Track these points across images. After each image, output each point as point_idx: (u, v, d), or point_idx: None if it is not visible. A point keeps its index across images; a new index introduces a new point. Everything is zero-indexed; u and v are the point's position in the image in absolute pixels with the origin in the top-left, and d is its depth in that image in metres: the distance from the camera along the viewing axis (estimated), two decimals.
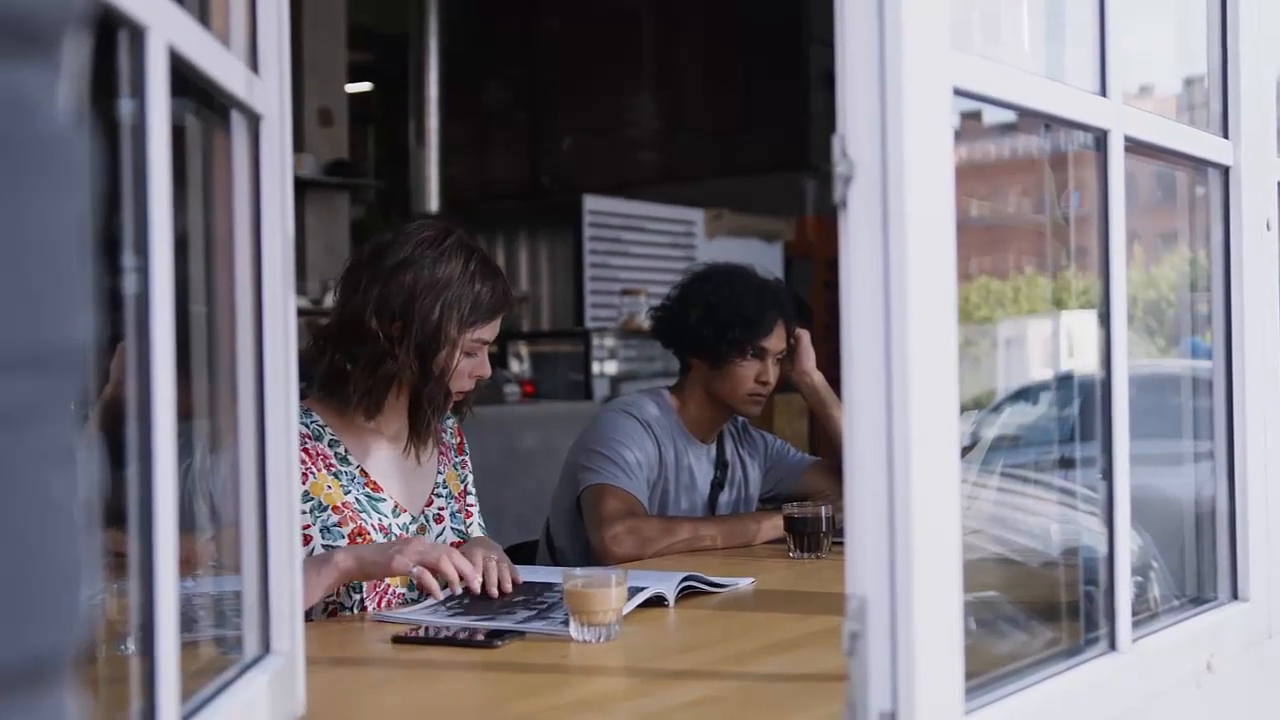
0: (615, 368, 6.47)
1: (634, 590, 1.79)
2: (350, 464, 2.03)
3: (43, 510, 0.49)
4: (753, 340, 2.60)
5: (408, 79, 7.65)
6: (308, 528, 1.94)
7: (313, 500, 1.96)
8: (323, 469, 1.99)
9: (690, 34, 8.84)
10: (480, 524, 2.21)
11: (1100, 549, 1.35)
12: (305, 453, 1.96)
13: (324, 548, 1.94)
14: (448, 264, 2.00)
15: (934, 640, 1.00)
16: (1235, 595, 1.60)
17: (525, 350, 6.63)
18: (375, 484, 2.04)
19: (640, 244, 7.24)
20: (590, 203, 7.11)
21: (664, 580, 1.91)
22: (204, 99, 1.06)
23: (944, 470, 1.03)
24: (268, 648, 1.16)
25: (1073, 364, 1.71)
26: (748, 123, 8.43)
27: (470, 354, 2.04)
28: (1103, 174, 1.32)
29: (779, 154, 8.15)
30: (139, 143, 0.84)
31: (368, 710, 1.42)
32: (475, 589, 1.81)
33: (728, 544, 2.47)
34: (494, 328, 2.06)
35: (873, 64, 0.99)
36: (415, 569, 1.78)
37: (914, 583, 0.98)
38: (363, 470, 2.04)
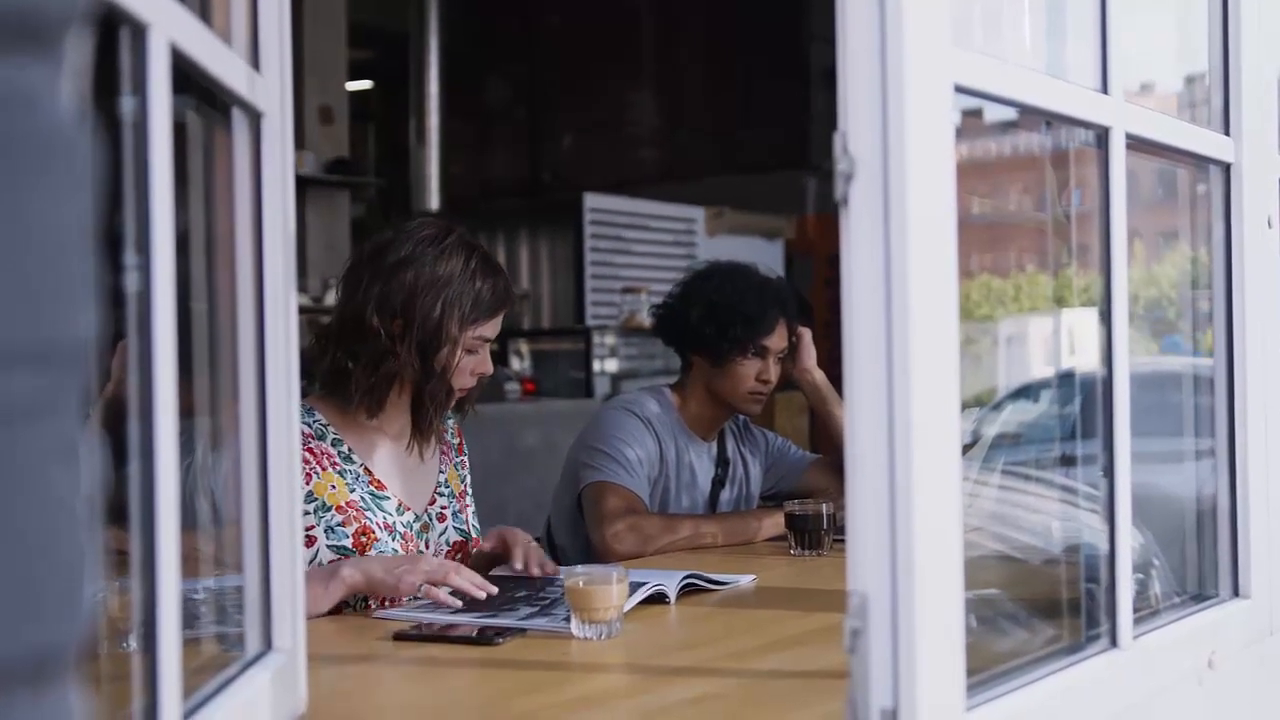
0: (616, 365, 6.47)
1: (635, 587, 1.79)
2: (354, 462, 2.03)
3: (46, 506, 0.49)
4: (754, 339, 2.60)
5: (408, 77, 7.65)
6: (312, 529, 1.94)
7: (316, 500, 1.95)
8: (327, 468, 1.99)
9: (691, 32, 8.84)
10: (475, 525, 2.21)
11: (1101, 546, 1.35)
12: (309, 452, 1.96)
13: (329, 548, 1.95)
14: (448, 261, 2.00)
15: (935, 637, 1.00)
16: (1236, 592, 1.60)
17: (526, 348, 6.64)
18: (379, 482, 2.04)
19: (641, 242, 7.24)
20: (591, 200, 7.11)
21: (665, 578, 1.91)
22: (205, 96, 1.06)
23: (945, 467, 1.03)
24: (269, 645, 1.16)
25: (1074, 362, 1.71)
26: (748, 120, 8.43)
27: (472, 351, 2.04)
28: (1104, 171, 1.32)
29: (780, 152, 8.15)
30: (140, 140, 0.84)
31: (369, 707, 1.42)
32: (481, 597, 1.81)
33: (729, 541, 2.47)
34: (495, 325, 2.06)
35: (874, 61, 0.99)
36: (423, 587, 1.79)
37: (915, 579, 0.98)
38: (366, 468, 2.03)
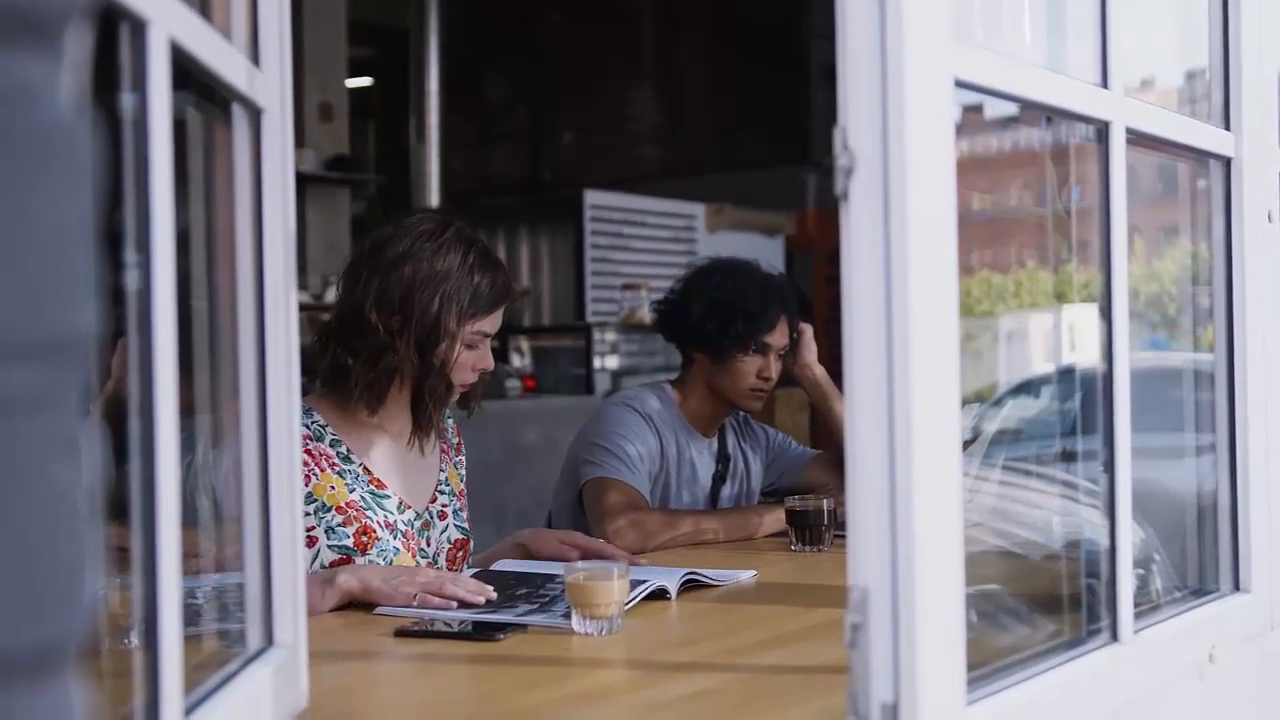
0: (616, 362, 6.47)
1: (635, 583, 1.79)
2: (353, 462, 2.02)
3: (46, 500, 0.49)
4: (755, 335, 2.60)
5: (408, 74, 7.65)
6: (312, 529, 1.94)
7: (316, 501, 1.95)
8: (325, 469, 1.98)
9: (691, 28, 8.83)
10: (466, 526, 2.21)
11: (1102, 541, 1.35)
12: (307, 454, 1.95)
13: (330, 548, 1.95)
14: (446, 256, 1.99)
15: (935, 632, 1.00)
16: (1237, 587, 1.60)
17: (526, 345, 6.64)
18: (379, 481, 2.04)
19: (641, 239, 7.24)
20: (591, 197, 7.11)
21: (666, 575, 1.91)
22: (205, 92, 1.06)
23: (945, 462, 1.03)
24: (271, 640, 1.16)
25: (1074, 358, 1.71)
26: (748, 117, 8.43)
27: (471, 346, 2.03)
28: (1104, 166, 1.32)
29: (780, 148, 8.15)
30: (140, 136, 0.84)
31: (370, 703, 1.42)
32: (480, 602, 1.80)
33: (729, 537, 2.47)
34: (495, 320, 2.05)
35: (874, 56, 0.99)
36: (419, 597, 1.79)
37: (915, 574, 0.98)
38: (365, 468, 2.03)
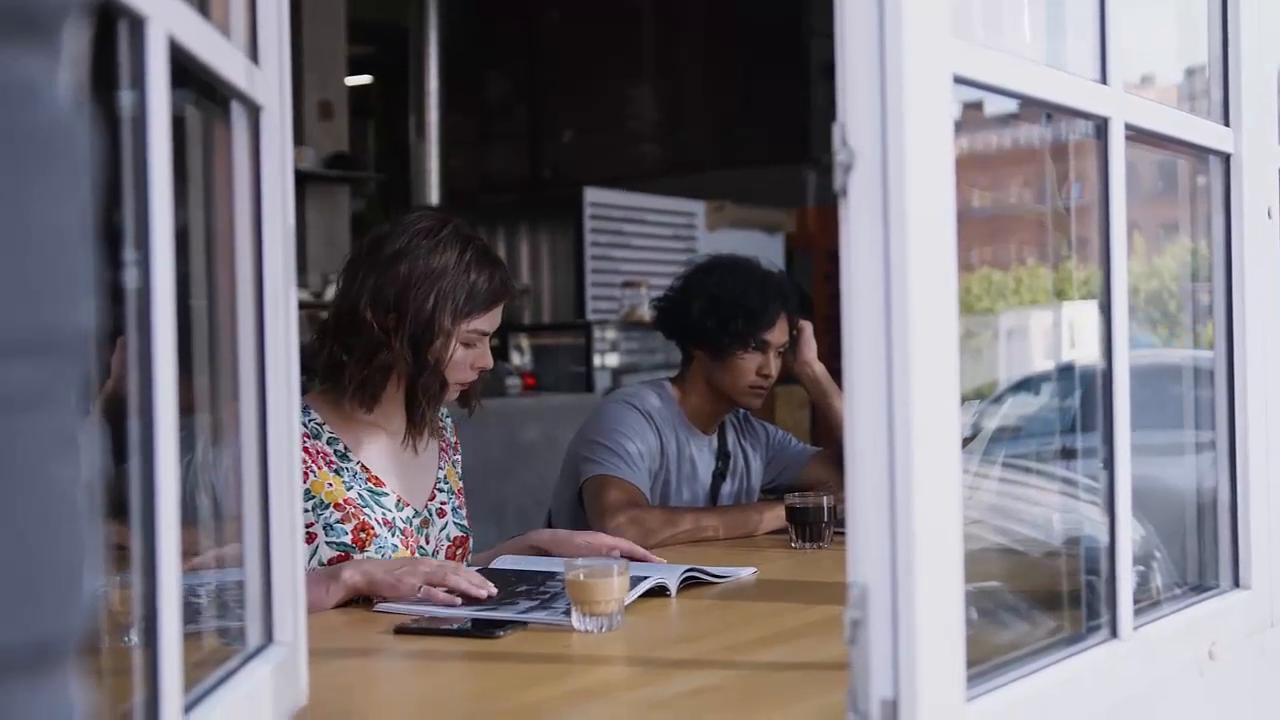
0: (616, 360, 6.47)
1: (635, 580, 1.80)
2: (350, 460, 2.02)
3: (45, 497, 0.49)
4: (755, 333, 2.60)
5: (408, 72, 7.64)
6: (311, 526, 1.94)
7: (314, 499, 1.95)
8: (323, 466, 1.98)
9: (691, 27, 8.83)
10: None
11: (1102, 538, 1.35)
12: (305, 451, 1.96)
13: (328, 545, 1.95)
14: (443, 254, 1.99)
15: (935, 628, 1.00)
16: (1237, 583, 1.60)
17: (526, 343, 6.63)
18: (376, 478, 2.04)
19: (641, 236, 7.24)
20: (591, 195, 7.11)
21: (666, 571, 1.91)
22: (204, 90, 1.06)
23: (945, 458, 1.03)
24: (270, 638, 1.16)
25: (1074, 355, 1.71)
26: (748, 115, 8.43)
27: (469, 345, 2.02)
28: (1103, 162, 1.32)
29: (779, 146, 8.14)
30: (139, 134, 0.84)
31: (370, 700, 1.42)
32: (481, 596, 1.79)
33: (729, 534, 2.47)
34: (493, 318, 2.05)
35: (873, 52, 0.99)
36: (423, 589, 1.79)
37: (915, 571, 0.98)
38: (363, 465, 2.03)
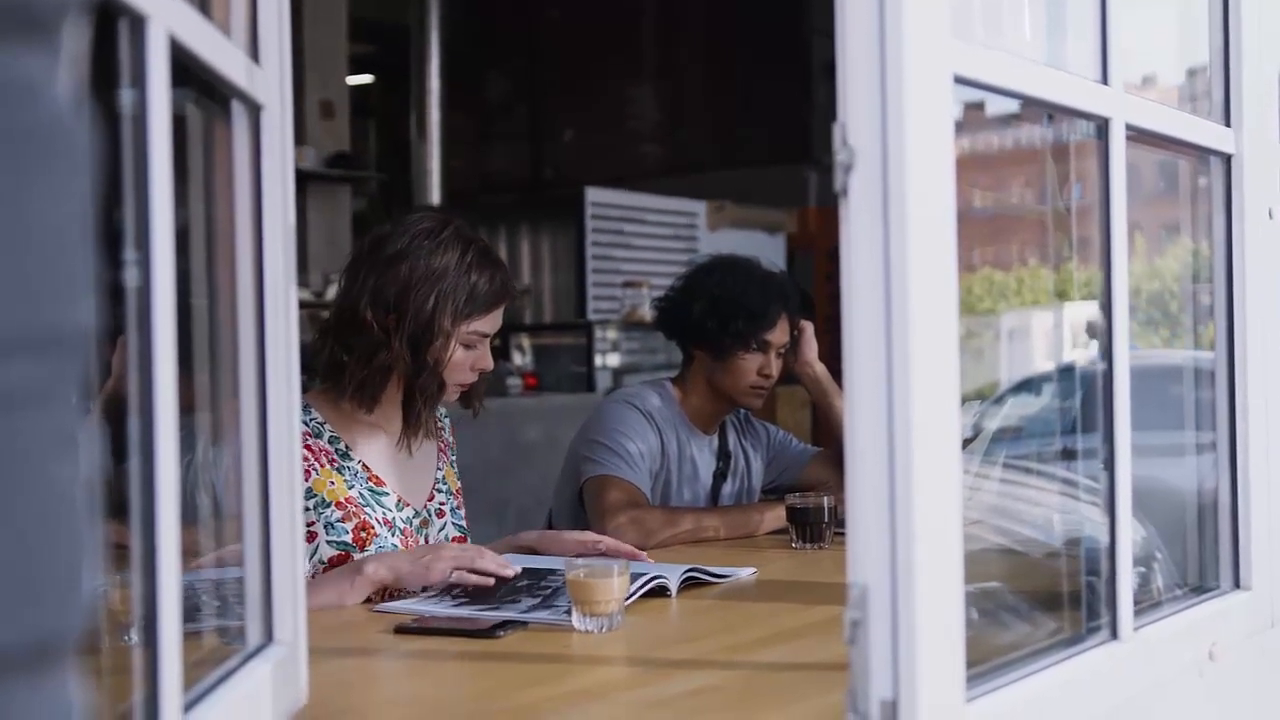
0: (617, 360, 6.47)
1: (635, 580, 1.79)
2: (352, 459, 2.03)
3: (44, 495, 0.49)
4: (756, 333, 2.60)
5: (409, 72, 7.65)
6: (312, 524, 1.94)
7: (316, 497, 1.96)
8: (325, 464, 1.99)
9: (691, 26, 8.83)
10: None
11: (1102, 539, 1.35)
12: (307, 449, 1.96)
13: (329, 544, 1.95)
14: (444, 255, 1.99)
15: (935, 628, 1.00)
16: (1237, 584, 1.60)
17: (527, 343, 6.64)
18: (377, 478, 2.04)
19: (642, 236, 7.24)
20: (592, 195, 7.11)
21: (666, 571, 1.91)
22: (204, 89, 1.06)
23: (945, 459, 1.03)
24: (270, 637, 1.16)
25: (1075, 355, 1.71)
26: (749, 114, 8.43)
27: (469, 346, 2.03)
28: (1104, 162, 1.32)
29: (781, 146, 8.15)
30: (140, 133, 0.84)
31: (370, 700, 1.42)
32: (509, 576, 1.83)
33: (730, 535, 2.47)
34: (493, 320, 2.05)
35: (873, 52, 0.99)
36: (454, 574, 1.80)
37: (915, 571, 0.98)
38: (364, 465, 2.03)
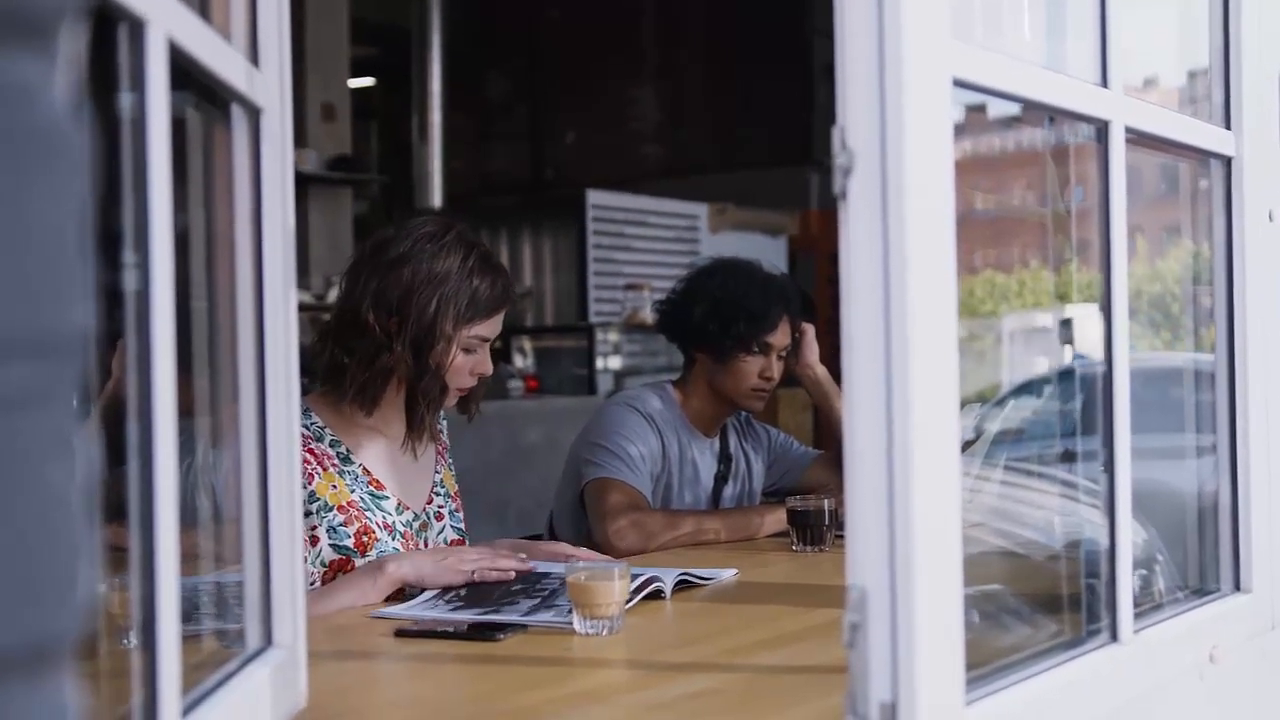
0: (619, 363, 6.47)
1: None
2: (353, 463, 2.03)
3: (41, 497, 0.50)
4: (757, 336, 2.60)
5: (410, 74, 7.65)
6: (314, 528, 1.95)
7: (319, 501, 1.96)
8: (328, 468, 1.99)
9: (691, 28, 8.84)
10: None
11: (1102, 541, 1.35)
12: (310, 453, 1.97)
13: (331, 548, 1.95)
14: (446, 259, 2.00)
15: (934, 631, 1.00)
16: (1238, 587, 1.60)
17: (529, 345, 6.64)
18: (378, 482, 2.04)
19: (644, 238, 7.25)
20: (594, 197, 7.12)
21: (660, 574, 1.91)
22: (204, 92, 1.06)
23: (944, 461, 1.03)
24: (270, 640, 1.16)
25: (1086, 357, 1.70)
26: (749, 116, 8.43)
27: (470, 350, 2.03)
28: (1104, 165, 1.32)
29: (782, 148, 8.15)
30: (139, 137, 0.84)
31: (370, 703, 1.42)
32: (529, 569, 1.92)
33: (731, 537, 2.47)
34: (494, 324, 2.05)
35: (872, 55, 0.99)
36: (478, 573, 1.87)
37: (914, 574, 0.98)
38: (365, 469, 2.04)
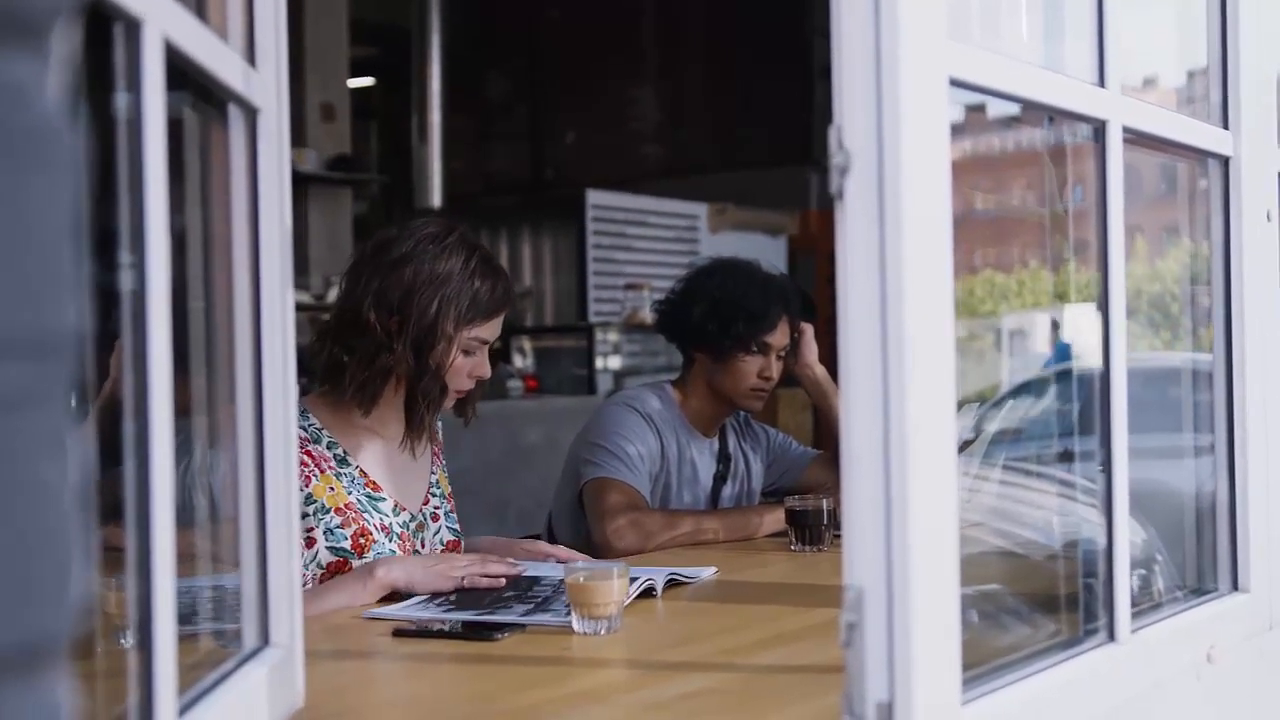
0: (619, 362, 6.47)
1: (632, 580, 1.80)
2: (350, 465, 2.03)
3: (36, 496, 0.50)
4: (756, 335, 2.60)
5: (410, 74, 7.65)
6: (311, 530, 1.95)
7: (316, 503, 1.96)
8: (326, 470, 2.00)
9: (691, 26, 8.84)
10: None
11: (1100, 541, 1.35)
12: (308, 454, 1.97)
13: (328, 550, 1.95)
14: (448, 260, 2.01)
15: (931, 630, 1.00)
16: (1236, 586, 1.60)
17: (528, 345, 6.64)
18: (374, 483, 2.05)
19: (643, 238, 7.25)
20: (593, 197, 7.12)
21: (651, 574, 1.92)
22: (201, 92, 1.06)
23: (941, 461, 1.03)
24: (267, 640, 1.16)
25: (1075, 357, 1.70)
26: (749, 116, 8.43)
27: (469, 353, 2.04)
28: (1101, 164, 1.32)
29: (781, 147, 8.15)
30: (134, 137, 0.84)
31: (368, 702, 1.42)
32: (517, 572, 1.94)
33: (729, 537, 2.47)
34: (493, 327, 2.06)
35: (869, 54, 0.99)
36: (467, 580, 1.87)
37: (910, 573, 0.98)
38: (362, 470, 2.04)
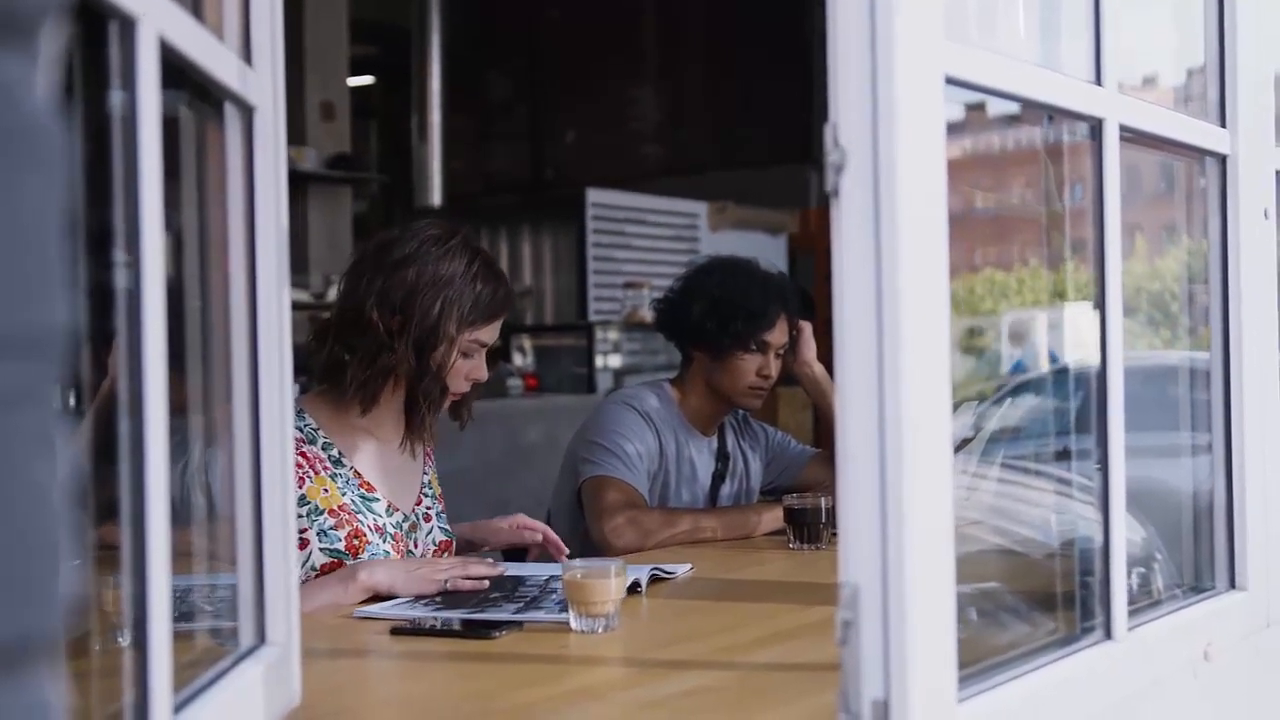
0: (619, 361, 6.47)
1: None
2: (344, 466, 2.03)
3: (25, 494, 0.50)
4: (755, 334, 2.60)
5: (410, 72, 7.65)
6: (305, 531, 1.95)
7: (309, 504, 1.97)
8: (320, 472, 2.00)
9: (691, 26, 8.83)
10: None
11: (1097, 539, 1.35)
12: (302, 456, 1.97)
13: (321, 551, 1.96)
14: (451, 262, 2.01)
15: (927, 628, 1.00)
16: (1233, 584, 1.60)
17: (528, 344, 6.64)
18: (368, 484, 2.05)
19: (643, 237, 7.24)
20: (593, 195, 7.12)
21: (636, 570, 1.92)
22: (196, 91, 1.06)
23: (936, 459, 1.03)
24: (263, 638, 1.17)
25: (1074, 355, 1.70)
26: (750, 115, 8.43)
27: (468, 355, 2.05)
28: (1098, 163, 1.32)
29: (781, 146, 8.14)
30: (129, 135, 0.84)
31: (365, 701, 1.42)
32: (499, 572, 1.96)
33: (728, 535, 2.47)
34: (493, 330, 2.07)
35: (864, 52, 0.99)
36: (450, 583, 1.88)
37: (906, 571, 0.98)
38: (356, 471, 2.04)
